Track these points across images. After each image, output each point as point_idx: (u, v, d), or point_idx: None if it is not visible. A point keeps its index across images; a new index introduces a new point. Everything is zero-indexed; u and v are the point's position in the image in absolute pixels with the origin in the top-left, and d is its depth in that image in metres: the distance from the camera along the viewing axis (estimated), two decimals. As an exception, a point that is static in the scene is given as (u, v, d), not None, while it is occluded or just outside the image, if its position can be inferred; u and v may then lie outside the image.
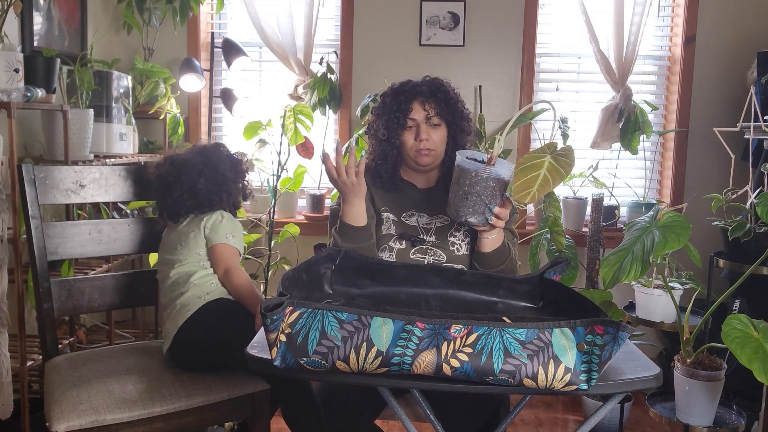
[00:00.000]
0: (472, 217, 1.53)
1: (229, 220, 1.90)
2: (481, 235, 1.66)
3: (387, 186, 1.81)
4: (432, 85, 1.76)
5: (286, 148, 2.84)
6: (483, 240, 1.66)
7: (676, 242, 1.80)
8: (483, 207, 1.51)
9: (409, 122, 1.74)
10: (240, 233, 1.92)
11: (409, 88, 1.76)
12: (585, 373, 1.04)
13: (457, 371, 1.02)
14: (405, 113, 1.74)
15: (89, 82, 2.41)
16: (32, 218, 1.79)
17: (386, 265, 1.56)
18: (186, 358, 1.75)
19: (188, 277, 1.81)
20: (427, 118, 1.74)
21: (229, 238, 1.87)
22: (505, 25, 3.08)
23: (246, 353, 1.16)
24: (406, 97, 1.75)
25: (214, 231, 1.87)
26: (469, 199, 1.51)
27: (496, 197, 1.51)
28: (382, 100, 1.79)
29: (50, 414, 1.57)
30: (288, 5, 2.98)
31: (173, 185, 1.89)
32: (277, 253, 3.01)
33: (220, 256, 1.85)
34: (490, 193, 1.50)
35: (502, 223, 1.56)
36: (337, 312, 1.05)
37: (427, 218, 1.78)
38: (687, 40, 3.03)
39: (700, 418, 1.99)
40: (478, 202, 1.51)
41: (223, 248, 1.86)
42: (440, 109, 1.74)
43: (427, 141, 1.73)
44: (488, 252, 1.67)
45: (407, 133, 1.75)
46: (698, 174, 3.09)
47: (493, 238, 1.66)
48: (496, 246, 1.67)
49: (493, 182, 1.49)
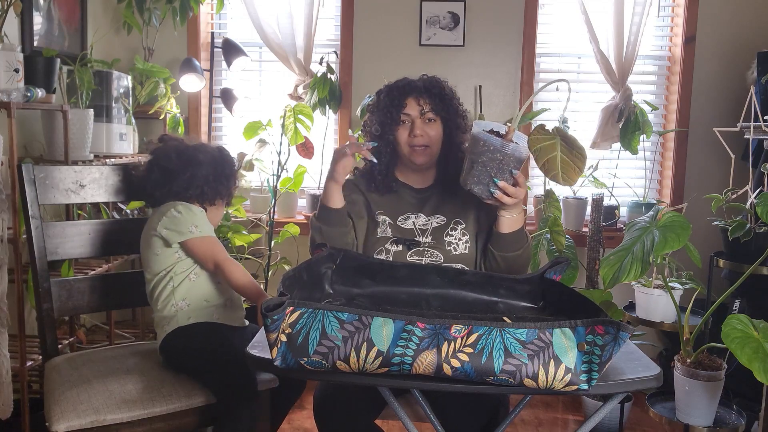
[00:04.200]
0: (476, 187, 1.54)
1: (186, 211, 1.75)
2: (497, 212, 1.66)
3: (381, 188, 1.80)
4: (427, 82, 1.76)
5: (286, 148, 2.85)
6: (500, 218, 1.66)
7: (676, 242, 1.80)
8: (487, 178, 1.52)
9: (403, 117, 1.73)
10: (204, 219, 1.78)
11: (403, 84, 1.76)
12: (586, 373, 1.04)
13: (457, 371, 1.02)
14: (399, 108, 1.73)
15: (89, 82, 2.41)
16: (32, 218, 1.79)
17: (387, 264, 1.55)
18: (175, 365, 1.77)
19: (152, 297, 1.80)
20: (422, 113, 1.73)
21: (194, 230, 1.74)
22: (505, 25, 3.08)
23: (246, 353, 1.16)
24: (400, 92, 1.74)
25: (175, 228, 1.74)
26: (475, 168, 1.52)
27: (503, 171, 1.51)
28: (377, 97, 1.79)
29: (50, 414, 1.57)
30: (288, 5, 2.98)
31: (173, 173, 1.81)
32: (277, 253, 3.01)
33: (197, 253, 1.75)
34: (497, 166, 1.50)
35: (508, 200, 1.55)
36: (338, 312, 1.04)
37: (424, 218, 1.77)
38: (687, 40, 3.03)
39: (700, 418, 1.99)
40: (483, 173, 1.51)
41: (196, 244, 1.74)
42: (435, 104, 1.73)
43: (421, 137, 1.72)
44: (506, 233, 1.67)
45: (401, 129, 1.74)
46: (698, 174, 3.09)
47: (510, 218, 1.66)
48: (515, 228, 1.67)
49: (500, 155, 1.49)
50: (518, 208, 1.66)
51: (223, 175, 1.85)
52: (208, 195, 1.83)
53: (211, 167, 1.83)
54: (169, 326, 1.75)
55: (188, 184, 1.79)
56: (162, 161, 1.81)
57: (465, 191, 1.58)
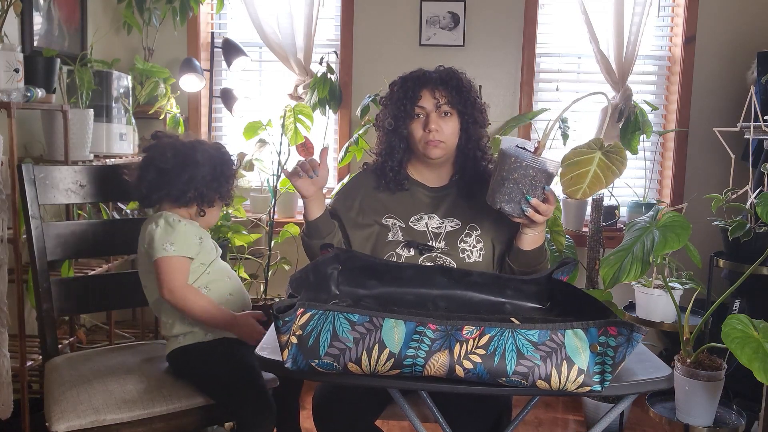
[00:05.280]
0: (507, 205, 1.48)
1: (166, 226, 1.64)
2: (521, 229, 1.59)
3: (393, 186, 1.72)
4: (443, 73, 1.66)
5: (286, 148, 2.84)
6: (523, 236, 1.60)
7: (676, 242, 1.79)
8: (519, 196, 1.46)
9: (418, 110, 1.64)
10: (185, 237, 1.65)
11: (418, 76, 1.66)
12: (599, 374, 1.03)
13: (470, 373, 1.01)
14: (413, 101, 1.63)
15: (89, 82, 2.41)
16: (32, 218, 1.79)
17: (393, 265, 1.53)
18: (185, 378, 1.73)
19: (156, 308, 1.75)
20: (437, 106, 1.63)
21: (168, 248, 1.62)
22: (505, 25, 3.08)
23: (256, 355, 1.16)
24: (414, 84, 1.65)
25: (150, 244, 1.64)
26: (506, 186, 1.46)
27: (535, 188, 1.46)
28: (391, 89, 1.70)
29: (50, 414, 1.57)
30: (288, 5, 2.98)
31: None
32: (277, 253, 3.01)
33: (158, 273, 1.62)
34: (529, 182, 1.45)
35: (540, 218, 1.50)
36: (349, 314, 1.03)
37: (438, 220, 1.69)
38: (687, 40, 3.03)
39: (700, 418, 1.99)
40: (514, 190, 1.46)
41: (161, 264, 1.61)
42: (451, 97, 1.63)
43: (436, 132, 1.62)
44: (528, 250, 1.61)
45: (415, 123, 1.65)
46: (698, 174, 3.09)
47: (534, 235, 1.59)
48: (537, 245, 1.61)
49: (533, 171, 1.44)
50: (543, 225, 1.58)
51: (222, 176, 1.75)
52: (207, 197, 1.72)
53: (209, 168, 1.71)
54: (179, 342, 1.69)
55: (186, 186, 1.69)
56: (157, 161, 1.69)
57: (482, 193, 1.54)
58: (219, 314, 1.66)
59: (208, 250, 1.74)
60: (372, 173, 1.76)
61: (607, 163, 1.42)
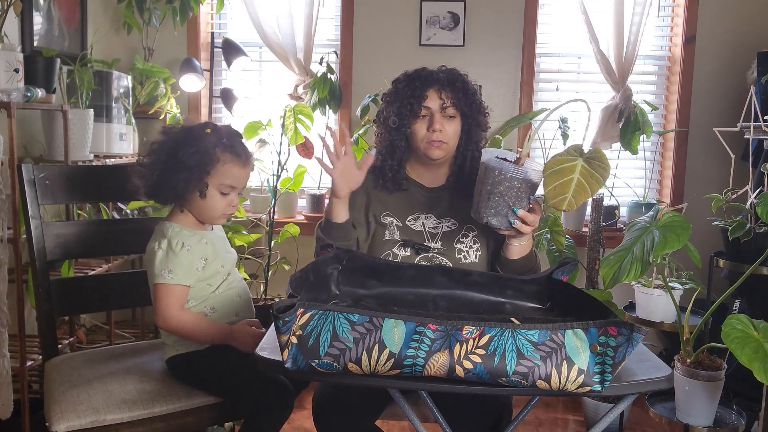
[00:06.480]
0: (494, 219, 1.46)
1: (168, 250, 1.55)
2: (508, 240, 1.57)
3: (391, 185, 1.72)
4: (450, 74, 1.65)
5: (286, 148, 2.85)
6: (510, 246, 1.58)
7: (676, 242, 1.79)
8: (506, 209, 1.44)
9: (423, 110, 1.63)
10: (187, 265, 1.56)
11: (425, 74, 1.64)
12: (599, 374, 1.03)
13: (470, 373, 1.01)
14: (419, 100, 1.62)
15: (89, 82, 2.41)
16: (32, 218, 1.78)
17: (393, 265, 1.52)
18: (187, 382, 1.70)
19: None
20: (443, 107, 1.62)
21: (166, 275, 1.54)
22: (505, 25, 3.08)
23: (256, 355, 1.15)
24: (421, 83, 1.63)
25: (150, 265, 1.57)
26: (492, 200, 1.44)
27: (521, 199, 1.44)
28: (395, 86, 1.68)
29: (50, 414, 1.57)
30: (288, 5, 2.98)
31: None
32: (277, 253, 3.01)
33: (153, 299, 1.58)
34: (515, 194, 1.43)
35: (527, 228, 1.48)
36: (349, 314, 1.03)
37: (434, 220, 1.70)
38: (687, 40, 3.03)
39: (700, 418, 1.99)
40: (500, 203, 1.44)
41: (157, 290, 1.56)
42: (457, 99, 1.63)
43: (440, 132, 1.62)
44: (516, 259, 1.60)
45: (419, 122, 1.64)
46: (698, 174, 3.09)
47: (521, 245, 1.58)
48: (524, 253, 1.59)
49: (518, 183, 1.42)
50: (530, 235, 1.57)
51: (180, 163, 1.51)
52: (183, 193, 1.54)
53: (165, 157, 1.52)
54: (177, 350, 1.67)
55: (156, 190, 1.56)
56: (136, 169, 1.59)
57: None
58: (215, 331, 1.62)
59: (216, 269, 1.65)
60: (371, 172, 1.76)
61: (589, 170, 1.38)
